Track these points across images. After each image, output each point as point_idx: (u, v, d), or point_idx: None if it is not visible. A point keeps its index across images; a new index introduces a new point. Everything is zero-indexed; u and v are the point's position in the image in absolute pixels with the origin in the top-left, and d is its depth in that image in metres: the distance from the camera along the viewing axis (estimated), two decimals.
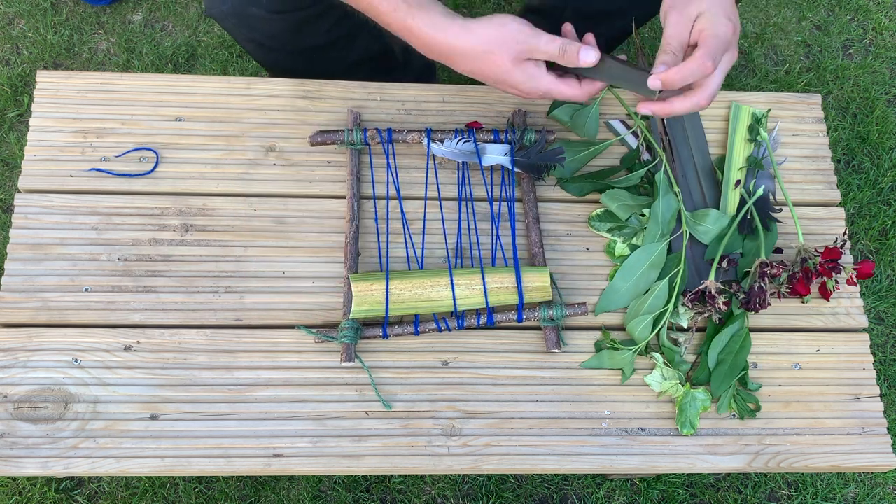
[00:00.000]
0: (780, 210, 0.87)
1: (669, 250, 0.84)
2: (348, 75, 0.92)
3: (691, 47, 0.73)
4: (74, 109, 0.87)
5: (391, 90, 0.91)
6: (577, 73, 0.75)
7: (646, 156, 0.89)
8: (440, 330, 0.79)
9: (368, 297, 0.77)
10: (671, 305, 0.80)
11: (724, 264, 0.82)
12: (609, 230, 0.85)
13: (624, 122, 0.91)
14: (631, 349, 0.80)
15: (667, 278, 0.81)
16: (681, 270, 0.82)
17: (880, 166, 1.51)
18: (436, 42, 0.72)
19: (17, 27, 1.50)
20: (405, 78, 0.95)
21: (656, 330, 0.80)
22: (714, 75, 0.71)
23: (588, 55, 0.72)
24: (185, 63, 1.49)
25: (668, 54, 0.72)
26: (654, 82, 0.70)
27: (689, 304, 0.80)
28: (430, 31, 0.71)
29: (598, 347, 0.81)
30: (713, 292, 0.78)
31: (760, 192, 0.86)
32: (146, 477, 1.18)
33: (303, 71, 0.93)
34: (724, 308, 0.78)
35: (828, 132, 1.09)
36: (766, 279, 0.80)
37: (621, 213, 0.84)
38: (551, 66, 0.74)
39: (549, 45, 0.72)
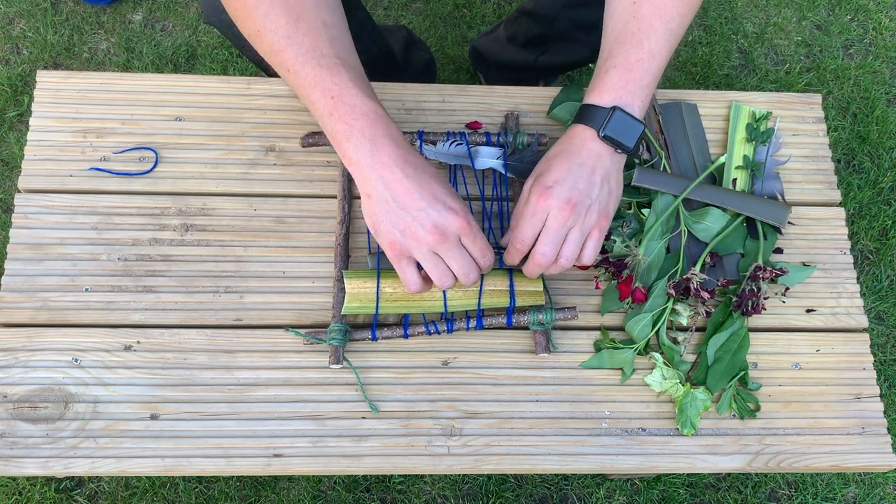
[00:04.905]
0: (790, 210, 0.87)
1: (668, 250, 0.84)
2: None
3: None
4: (74, 109, 0.87)
5: (391, 90, 0.91)
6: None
7: (645, 155, 0.89)
8: (429, 333, 0.79)
9: (361, 294, 0.77)
10: (670, 304, 0.80)
11: (709, 259, 0.82)
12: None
13: None
14: (631, 348, 0.80)
15: (665, 277, 0.81)
16: (679, 269, 0.82)
17: (880, 166, 1.51)
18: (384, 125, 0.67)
19: (17, 27, 1.50)
20: (405, 79, 0.95)
21: (656, 328, 0.80)
22: (539, 238, 0.71)
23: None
24: (185, 63, 1.49)
25: (513, 218, 0.75)
26: (503, 241, 0.77)
27: (673, 293, 0.80)
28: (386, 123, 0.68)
29: (598, 347, 0.81)
30: (695, 285, 0.78)
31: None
32: (146, 477, 1.18)
33: None
34: (706, 296, 0.78)
35: (828, 132, 1.09)
36: (760, 282, 0.80)
37: None
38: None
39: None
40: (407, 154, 0.67)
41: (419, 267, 0.70)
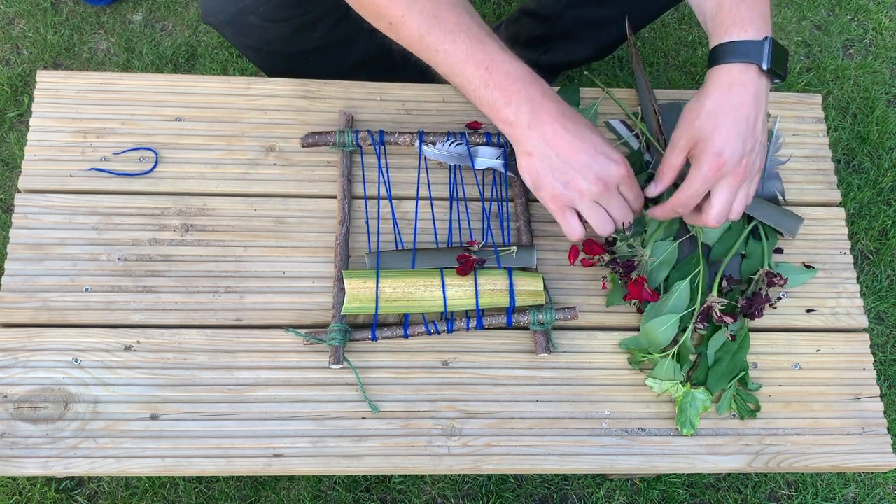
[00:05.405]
0: (802, 221, 0.87)
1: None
2: (347, 77, 0.92)
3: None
4: (74, 109, 0.87)
5: (391, 90, 0.91)
6: None
7: (647, 156, 0.89)
8: (429, 333, 0.79)
9: (361, 293, 0.77)
10: (697, 305, 0.80)
11: (724, 284, 0.81)
12: None
13: (625, 123, 0.91)
14: (666, 357, 0.78)
15: (688, 278, 0.80)
16: (701, 270, 0.81)
17: (880, 166, 1.51)
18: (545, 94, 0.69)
19: (17, 27, 1.50)
20: (405, 78, 0.95)
21: (687, 333, 0.79)
22: (713, 200, 0.73)
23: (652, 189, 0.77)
24: (185, 63, 1.49)
25: (661, 174, 0.77)
26: (649, 191, 0.78)
27: (702, 326, 0.79)
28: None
29: (636, 361, 0.80)
30: (718, 312, 0.78)
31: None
32: (146, 477, 1.18)
33: (301, 73, 0.93)
34: (730, 321, 0.78)
35: (828, 132, 1.09)
36: (768, 288, 0.80)
37: None
38: None
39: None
40: (564, 109, 0.70)
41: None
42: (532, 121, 0.69)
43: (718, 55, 0.72)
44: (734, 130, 0.70)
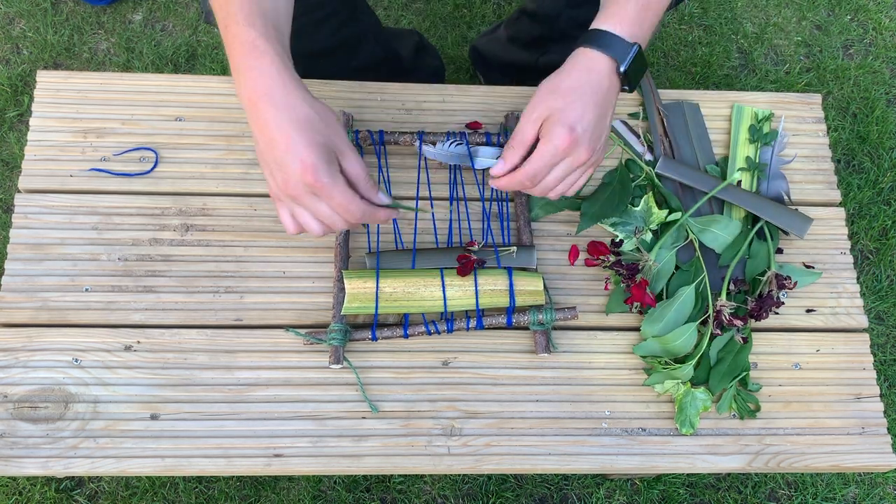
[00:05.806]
0: (812, 222, 0.86)
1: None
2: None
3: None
4: (74, 109, 0.87)
5: (392, 90, 0.91)
6: None
7: (648, 156, 0.89)
8: (429, 333, 0.79)
9: (361, 294, 0.77)
10: (712, 312, 0.79)
11: (732, 286, 0.82)
12: (613, 224, 0.85)
13: (625, 123, 0.91)
14: (688, 365, 0.78)
15: (693, 284, 0.80)
16: (705, 276, 0.81)
17: (880, 166, 1.51)
18: (266, 67, 0.64)
19: (17, 27, 1.50)
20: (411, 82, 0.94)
21: (705, 341, 0.79)
22: (553, 170, 0.72)
23: (383, 198, 0.69)
24: (185, 63, 1.49)
25: (510, 149, 0.73)
26: (496, 170, 0.74)
27: (719, 332, 0.79)
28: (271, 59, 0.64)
29: (655, 370, 0.80)
30: (727, 316, 0.78)
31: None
32: (146, 477, 1.18)
33: (305, 76, 0.93)
34: (739, 324, 0.78)
35: (828, 132, 1.09)
36: (779, 291, 0.80)
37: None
38: None
39: (356, 160, 0.66)
40: (279, 89, 0.65)
41: None
42: (247, 104, 0.64)
43: (590, 38, 0.72)
44: (589, 110, 0.70)
